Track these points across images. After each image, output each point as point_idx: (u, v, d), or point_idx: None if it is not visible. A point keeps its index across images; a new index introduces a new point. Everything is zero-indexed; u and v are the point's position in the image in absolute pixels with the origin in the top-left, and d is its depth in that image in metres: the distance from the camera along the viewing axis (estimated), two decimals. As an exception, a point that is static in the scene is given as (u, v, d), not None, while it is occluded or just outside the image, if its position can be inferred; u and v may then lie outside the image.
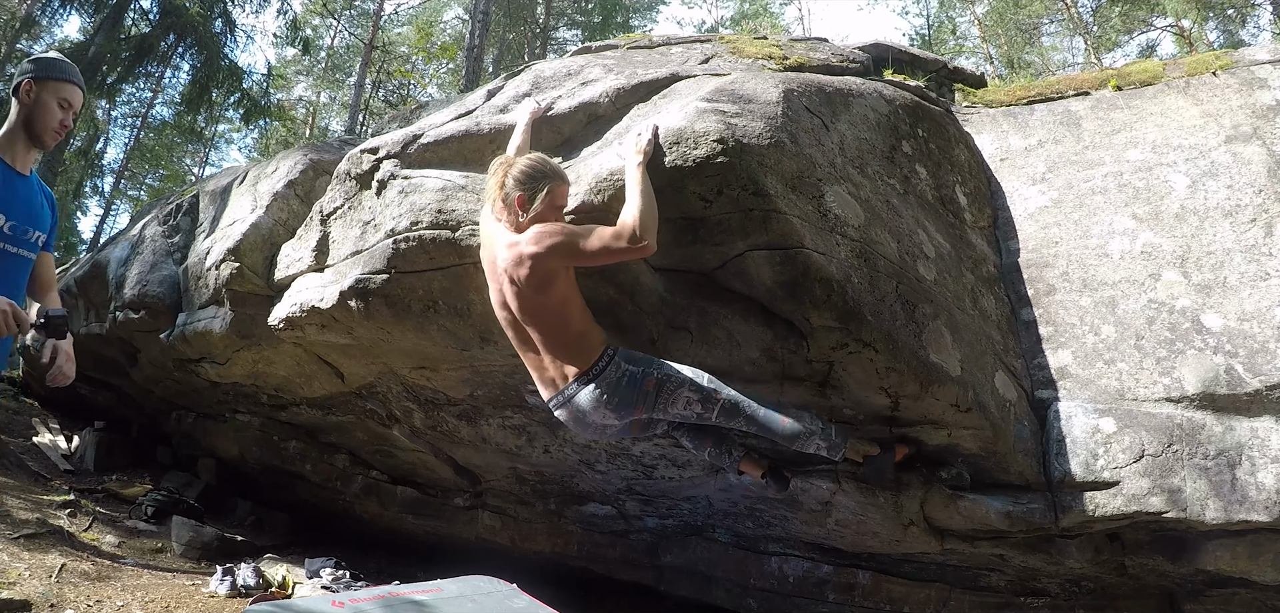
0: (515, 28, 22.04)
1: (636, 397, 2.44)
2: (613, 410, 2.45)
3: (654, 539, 4.89)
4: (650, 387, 2.43)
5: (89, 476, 7.81)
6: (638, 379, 2.42)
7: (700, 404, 2.49)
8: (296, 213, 4.65)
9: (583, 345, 2.44)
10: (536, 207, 2.35)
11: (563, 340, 2.44)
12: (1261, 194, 3.18)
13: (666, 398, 2.46)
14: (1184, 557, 3.00)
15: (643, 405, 2.46)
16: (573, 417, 2.54)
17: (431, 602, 2.83)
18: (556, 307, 2.41)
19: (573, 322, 2.43)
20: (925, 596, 3.92)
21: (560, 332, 2.44)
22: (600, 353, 2.44)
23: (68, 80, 2.49)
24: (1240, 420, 2.83)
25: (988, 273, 3.36)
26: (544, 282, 2.34)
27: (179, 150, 26.82)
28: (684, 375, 2.46)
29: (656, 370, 2.45)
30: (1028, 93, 4.20)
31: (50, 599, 3.96)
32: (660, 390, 2.44)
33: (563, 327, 2.43)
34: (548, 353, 2.48)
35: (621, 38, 4.84)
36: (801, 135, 2.56)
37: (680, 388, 2.46)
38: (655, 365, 2.46)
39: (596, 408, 2.44)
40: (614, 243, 2.25)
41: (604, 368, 2.42)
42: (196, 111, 11.17)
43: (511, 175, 2.41)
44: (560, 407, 2.54)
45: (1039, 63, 20.15)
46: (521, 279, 2.36)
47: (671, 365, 2.49)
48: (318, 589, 4.98)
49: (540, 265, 2.31)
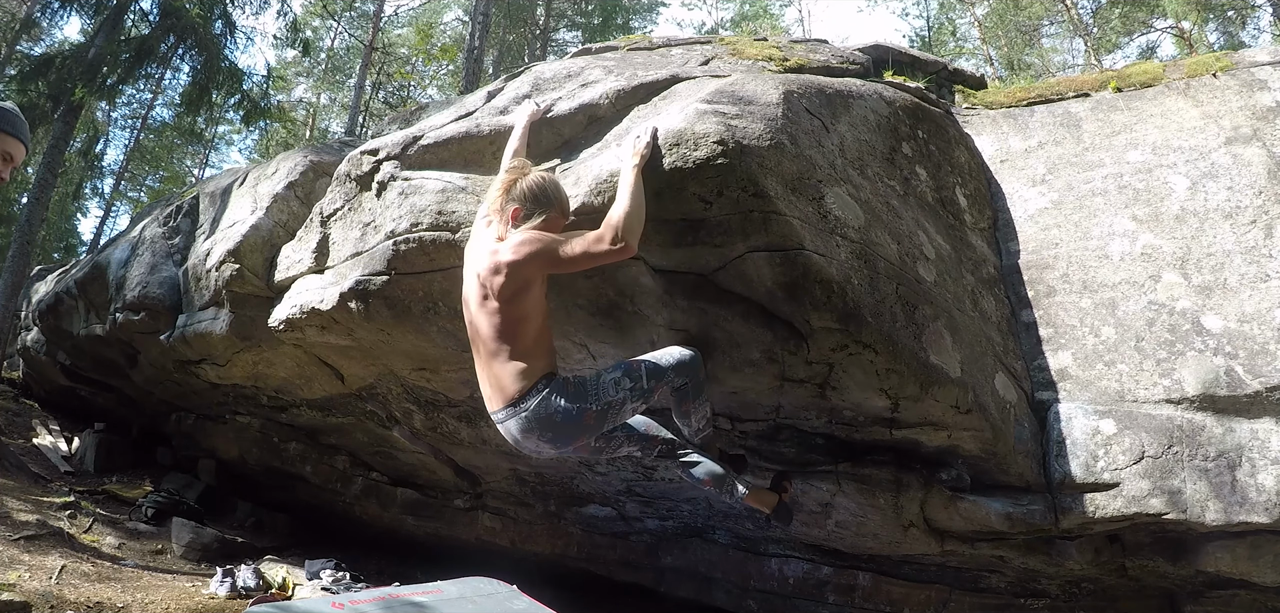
0: (515, 29, 22.05)
1: (576, 430, 2.33)
2: (546, 441, 2.34)
3: (654, 541, 4.89)
4: (590, 419, 2.32)
5: (89, 477, 7.81)
6: (573, 414, 2.29)
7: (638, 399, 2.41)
8: (296, 214, 4.65)
9: (519, 372, 2.29)
10: (527, 226, 2.33)
11: (502, 358, 2.31)
12: (1261, 196, 3.18)
13: (612, 417, 2.38)
14: (1184, 558, 3.00)
15: (584, 436, 2.38)
16: (508, 435, 2.40)
17: (432, 604, 2.83)
18: (512, 321, 2.29)
19: (520, 341, 2.30)
20: (925, 597, 3.92)
21: (504, 348, 2.30)
22: (533, 384, 2.29)
23: (10, 133, 2.45)
24: (1240, 422, 2.83)
25: (988, 274, 3.36)
26: (517, 291, 2.27)
27: (179, 152, 26.84)
28: (619, 395, 2.36)
29: (597, 402, 2.32)
30: (1028, 94, 4.21)
31: (50, 601, 3.96)
32: (603, 419, 2.36)
33: (509, 342, 2.30)
34: (487, 366, 2.37)
35: (621, 39, 4.84)
36: (801, 137, 2.56)
37: (623, 409, 2.39)
38: (592, 396, 2.33)
39: (526, 436, 2.33)
40: (595, 247, 2.22)
41: (532, 402, 2.28)
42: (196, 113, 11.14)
43: (523, 185, 2.36)
44: (499, 423, 2.40)
45: (1039, 64, 20.16)
46: (495, 288, 2.29)
47: (609, 381, 2.37)
48: (318, 591, 4.98)
49: (517, 273, 2.26)
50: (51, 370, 9.05)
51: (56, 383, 9.35)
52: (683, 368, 2.54)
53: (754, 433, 3.37)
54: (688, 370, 2.55)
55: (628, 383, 2.38)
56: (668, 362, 2.51)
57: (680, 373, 2.53)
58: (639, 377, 2.41)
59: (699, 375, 2.61)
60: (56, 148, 9.47)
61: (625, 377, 2.39)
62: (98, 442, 8.29)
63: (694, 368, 2.58)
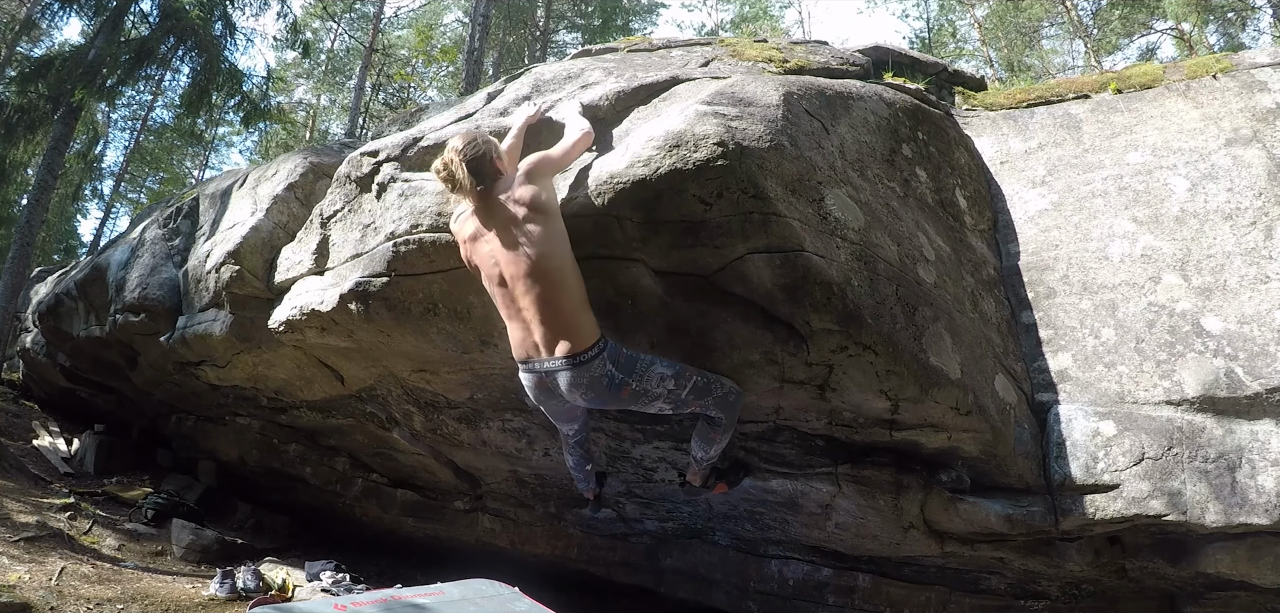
0: (515, 31, 22.03)
1: (611, 398, 2.51)
2: (583, 396, 2.50)
3: (654, 542, 4.89)
4: (626, 394, 2.50)
5: (89, 478, 7.81)
6: (616, 384, 2.47)
7: (671, 403, 2.59)
8: (296, 216, 4.65)
9: (577, 325, 2.42)
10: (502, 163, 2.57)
11: (558, 312, 2.41)
12: (1261, 197, 3.18)
13: (641, 401, 2.55)
14: (1184, 560, 3.00)
15: (614, 404, 2.57)
16: (541, 387, 2.56)
17: (433, 605, 2.83)
18: (557, 267, 2.40)
19: (570, 293, 2.42)
20: (925, 599, 3.92)
21: (557, 300, 2.41)
22: (593, 342, 2.42)
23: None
24: (1240, 423, 2.83)
25: (988, 276, 3.36)
26: (543, 208, 2.42)
27: (179, 153, 26.82)
28: (658, 390, 2.53)
29: (637, 383, 2.49)
30: (1028, 96, 4.21)
31: (50, 602, 3.96)
32: (635, 399, 2.53)
33: (560, 294, 2.41)
34: (540, 321, 2.43)
35: (621, 41, 4.84)
36: (801, 138, 2.56)
37: (655, 400, 2.56)
38: (635, 375, 2.49)
39: (572, 390, 2.48)
40: (575, 151, 2.64)
41: (592, 359, 2.42)
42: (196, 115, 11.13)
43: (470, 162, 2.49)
44: (533, 374, 2.54)
45: (1039, 66, 20.15)
46: (523, 216, 2.41)
47: (656, 373, 2.52)
48: (318, 593, 4.98)
49: (535, 181, 2.46)
50: (51, 372, 9.05)
51: (56, 384, 9.35)
52: (725, 403, 2.72)
53: (754, 434, 3.37)
54: (728, 408, 2.74)
55: (670, 384, 2.55)
56: (716, 392, 2.68)
57: (721, 407, 2.72)
58: (683, 386, 2.58)
59: (735, 416, 2.80)
60: (56, 149, 9.46)
61: (672, 379, 2.55)
62: (98, 443, 8.29)
63: (735, 408, 2.76)
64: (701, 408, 2.70)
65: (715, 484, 3.34)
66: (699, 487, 3.31)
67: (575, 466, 3.34)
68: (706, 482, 3.29)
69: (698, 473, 3.19)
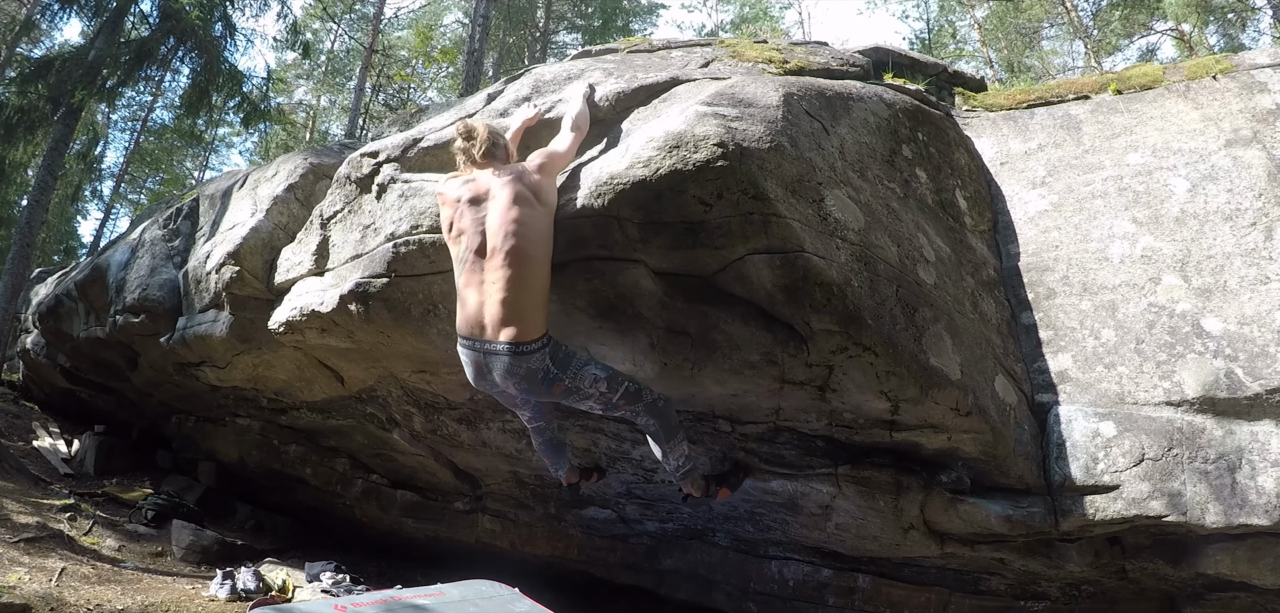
0: (515, 31, 22.03)
1: (543, 391, 2.56)
2: (516, 387, 2.54)
3: (654, 543, 4.88)
4: (558, 390, 2.56)
5: (89, 479, 7.81)
6: (550, 378, 2.52)
7: (601, 405, 2.67)
8: (296, 217, 4.65)
9: (530, 316, 2.45)
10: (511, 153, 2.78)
11: (521, 297, 2.43)
12: (1261, 198, 3.18)
13: (573, 398, 2.63)
14: (1184, 561, 2.99)
15: (545, 398, 2.66)
16: (477, 367, 2.58)
17: (433, 606, 2.83)
18: (538, 258, 2.46)
19: (539, 285, 2.48)
20: (925, 599, 3.92)
21: (525, 285, 2.44)
22: (539, 336, 2.47)
23: None
24: (1240, 424, 2.83)
25: (988, 277, 3.36)
26: (545, 201, 2.55)
27: (179, 154, 26.79)
28: (590, 391, 2.59)
29: (569, 378, 2.54)
30: (1028, 97, 4.21)
31: (50, 603, 3.96)
32: (567, 395, 2.60)
33: (531, 281, 2.45)
34: (500, 301, 2.44)
35: (621, 42, 4.84)
36: (801, 139, 2.57)
37: (587, 399, 2.63)
38: (569, 372, 2.55)
39: (506, 377, 2.51)
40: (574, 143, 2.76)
41: (533, 352, 2.46)
42: (196, 116, 11.13)
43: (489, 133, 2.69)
44: (473, 352, 2.55)
45: (1039, 66, 20.14)
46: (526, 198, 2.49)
47: (590, 374, 2.59)
48: (318, 593, 4.98)
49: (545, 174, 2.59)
50: (51, 373, 9.05)
51: (56, 385, 9.35)
52: (656, 410, 2.79)
53: (754, 435, 3.36)
54: (660, 414, 2.82)
55: (603, 388, 2.62)
56: (646, 399, 2.75)
57: (653, 414, 2.80)
58: (615, 390, 2.65)
59: (670, 422, 2.86)
60: (56, 150, 9.46)
61: (604, 382, 2.62)
62: (98, 444, 8.29)
63: (665, 415, 2.83)
64: (632, 414, 2.76)
65: (717, 491, 3.36)
66: (701, 497, 3.31)
67: (542, 449, 3.33)
68: (708, 490, 3.30)
69: (693, 484, 3.20)
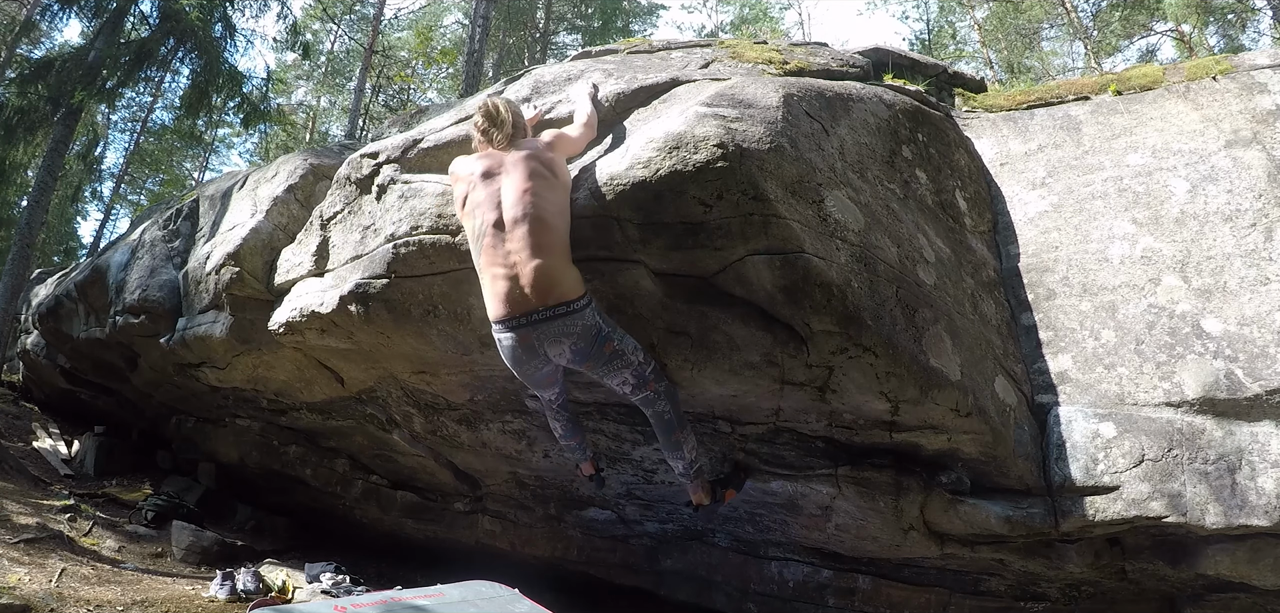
0: (515, 32, 22.03)
1: (595, 352, 2.52)
2: (572, 348, 2.50)
3: (654, 544, 4.88)
4: (608, 350, 2.54)
5: (89, 480, 7.81)
6: (603, 336, 2.50)
7: (636, 376, 2.66)
8: (296, 217, 4.65)
9: (567, 277, 2.44)
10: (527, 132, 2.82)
11: (552, 261, 2.41)
12: (1261, 199, 3.18)
13: (617, 363, 2.59)
14: (1184, 561, 2.99)
15: (594, 361, 2.57)
16: (524, 344, 2.50)
17: (433, 607, 2.82)
18: (559, 227, 2.46)
19: (564, 248, 2.47)
20: (925, 600, 3.91)
21: (552, 249, 2.42)
22: (583, 293, 2.46)
23: None
24: (1240, 425, 2.83)
25: (988, 277, 3.36)
26: (558, 174, 2.59)
27: (179, 155, 26.76)
28: (632, 357, 2.61)
29: (617, 339, 2.56)
30: (1027, 97, 4.21)
31: (50, 603, 3.96)
32: (612, 360, 2.57)
33: (556, 245, 2.43)
34: (533, 270, 2.40)
35: (621, 42, 4.85)
36: (801, 140, 2.57)
37: (628, 365, 2.61)
38: (617, 335, 2.57)
39: (559, 340, 2.46)
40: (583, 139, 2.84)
41: (583, 307, 2.44)
42: (196, 116, 11.11)
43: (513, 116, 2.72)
44: (517, 329, 2.47)
45: (1039, 67, 20.14)
46: (542, 171, 2.52)
47: (629, 341, 2.62)
48: (318, 594, 4.97)
49: (557, 151, 2.66)
50: (51, 374, 9.05)
51: (56, 386, 9.35)
52: (672, 395, 2.86)
53: (754, 436, 3.36)
54: (674, 399, 2.86)
55: (640, 356, 2.64)
56: (666, 380, 2.82)
57: (669, 399, 2.83)
58: (648, 364, 2.73)
59: (681, 412, 2.91)
60: (56, 151, 9.46)
61: (641, 351, 2.66)
62: (97, 445, 8.29)
63: (677, 402, 2.88)
64: (655, 394, 2.74)
65: (723, 494, 3.36)
66: (710, 503, 3.29)
67: (564, 434, 3.24)
68: (714, 495, 3.29)
69: (699, 489, 3.19)
